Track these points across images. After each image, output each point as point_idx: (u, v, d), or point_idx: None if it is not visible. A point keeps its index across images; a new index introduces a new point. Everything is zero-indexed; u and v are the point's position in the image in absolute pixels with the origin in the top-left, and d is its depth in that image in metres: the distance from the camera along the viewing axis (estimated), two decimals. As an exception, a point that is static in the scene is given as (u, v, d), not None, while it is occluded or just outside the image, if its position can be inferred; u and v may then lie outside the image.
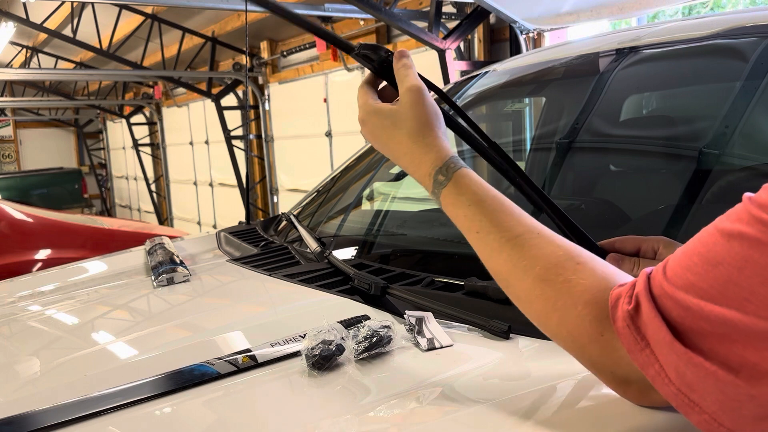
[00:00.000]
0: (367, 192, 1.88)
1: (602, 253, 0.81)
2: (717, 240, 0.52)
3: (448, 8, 4.49)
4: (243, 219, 2.07)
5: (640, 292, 0.56)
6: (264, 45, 7.26)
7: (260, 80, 7.47)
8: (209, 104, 8.01)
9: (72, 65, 9.48)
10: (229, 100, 7.79)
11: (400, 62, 0.81)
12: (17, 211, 3.85)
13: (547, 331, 0.66)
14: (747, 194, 0.53)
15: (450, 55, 4.04)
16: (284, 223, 1.79)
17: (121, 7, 6.50)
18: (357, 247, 1.53)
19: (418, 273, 1.19)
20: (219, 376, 0.83)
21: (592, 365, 0.63)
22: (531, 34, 3.85)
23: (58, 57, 9.28)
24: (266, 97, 7.49)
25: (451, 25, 4.26)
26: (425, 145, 0.75)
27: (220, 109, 7.56)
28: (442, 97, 0.88)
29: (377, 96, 0.84)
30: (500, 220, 0.69)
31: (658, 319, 0.54)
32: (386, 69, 0.84)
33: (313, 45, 6.35)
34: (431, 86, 0.84)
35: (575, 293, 0.62)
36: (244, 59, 7.25)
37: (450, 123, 0.83)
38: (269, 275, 1.32)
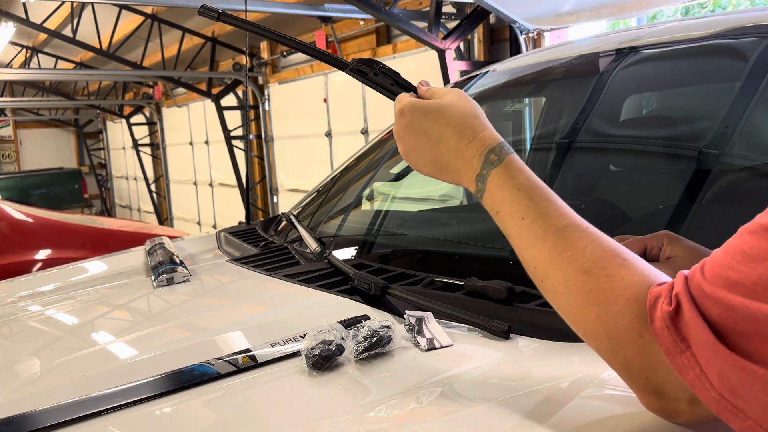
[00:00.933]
0: (367, 192, 1.88)
1: None
2: (761, 237, 0.50)
3: (448, 8, 4.49)
4: (243, 219, 2.07)
5: (680, 292, 0.54)
6: (264, 45, 7.26)
7: (260, 80, 7.47)
8: (209, 104, 8.01)
9: (72, 65, 9.48)
10: (229, 100, 7.79)
11: (423, 87, 0.82)
12: (17, 211, 3.85)
13: (582, 328, 0.62)
14: None
15: (450, 55, 4.04)
16: (284, 223, 1.79)
17: (121, 7, 6.50)
18: (357, 247, 1.53)
19: (418, 273, 1.19)
20: (219, 376, 0.83)
21: (625, 369, 0.60)
22: (531, 34, 3.85)
23: (58, 57, 9.28)
24: (266, 97, 7.49)
25: (451, 25, 4.26)
26: (474, 127, 0.74)
27: (220, 109, 7.56)
28: None
29: None
30: (549, 209, 0.67)
31: (700, 320, 0.52)
32: (380, 81, 0.86)
33: (313, 44, 6.35)
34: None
35: (618, 288, 0.59)
36: (244, 59, 7.25)
37: None
38: (269, 275, 1.32)
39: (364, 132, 5.77)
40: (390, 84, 0.86)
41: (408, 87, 0.86)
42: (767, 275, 0.49)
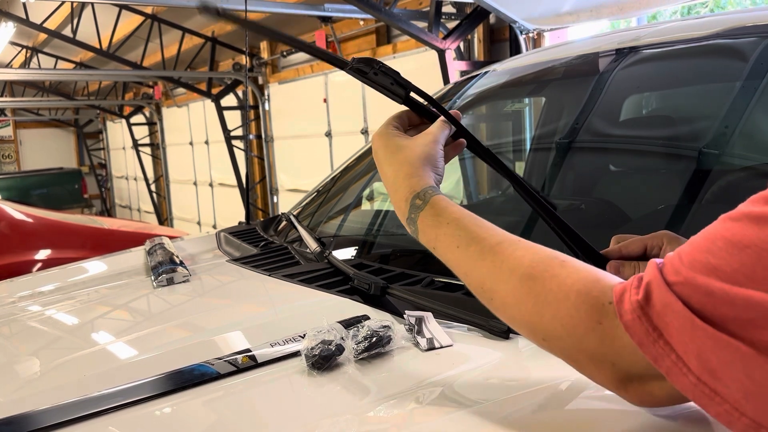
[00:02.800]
0: (367, 192, 1.88)
1: (603, 260, 0.81)
2: (745, 224, 0.50)
3: (448, 8, 4.49)
4: (243, 219, 2.07)
5: (651, 281, 0.54)
6: (264, 45, 7.26)
7: (260, 80, 7.47)
8: (209, 104, 8.01)
9: (72, 65, 9.48)
10: (229, 100, 7.78)
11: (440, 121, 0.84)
12: (17, 211, 3.85)
13: (541, 331, 0.63)
14: None
15: (450, 55, 4.04)
16: (284, 223, 1.79)
17: (121, 7, 6.49)
18: (357, 247, 1.53)
19: (418, 273, 1.19)
20: (219, 376, 0.83)
21: (591, 360, 0.60)
22: (531, 34, 3.85)
23: (58, 57, 9.27)
24: (266, 97, 7.49)
25: (451, 25, 4.26)
26: (408, 173, 0.78)
27: (220, 110, 7.55)
28: (429, 100, 0.89)
29: (403, 123, 0.86)
30: (479, 233, 0.69)
31: (678, 303, 0.51)
32: (379, 81, 0.86)
33: (313, 44, 6.35)
34: (419, 92, 0.86)
35: (566, 285, 0.60)
36: (244, 59, 7.25)
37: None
38: (269, 275, 1.33)
39: (364, 132, 5.77)
40: (390, 83, 0.86)
41: (407, 86, 0.85)
42: (750, 262, 0.48)
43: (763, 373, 0.48)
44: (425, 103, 0.89)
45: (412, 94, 0.85)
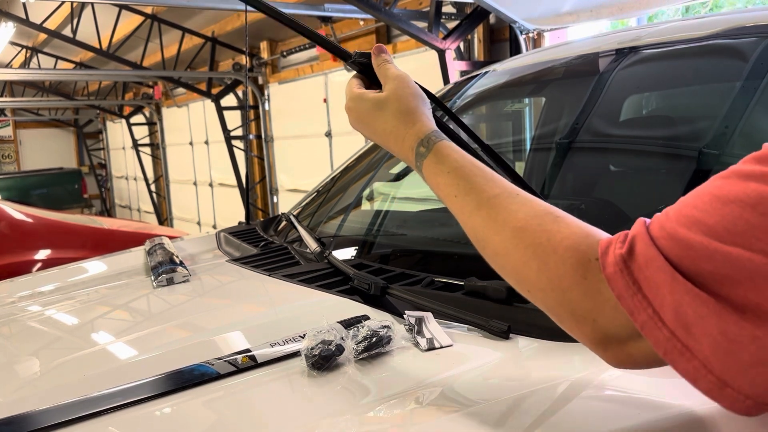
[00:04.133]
0: (367, 192, 1.88)
1: None
2: (732, 181, 0.50)
3: (448, 8, 4.49)
4: (243, 219, 2.07)
5: (636, 235, 0.54)
6: (264, 45, 7.26)
7: (260, 80, 7.47)
8: (209, 104, 8.01)
9: (72, 65, 9.48)
10: (229, 100, 7.79)
11: (379, 58, 0.86)
12: (17, 211, 3.85)
13: (526, 282, 0.63)
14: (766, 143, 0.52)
15: (450, 55, 4.04)
16: (284, 223, 1.79)
17: (121, 7, 6.49)
18: (357, 247, 1.53)
19: (418, 273, 1.19)
20: (219, 376, 0.83)
21: (572, 315, 0.59)
22: (531, 34, 3.85)
23: (57, 57, 9.27)
24: (266, 97, 7.49)
25: (451, 25, 4.26)
26: (408, 121, 0.79)
27: (220, 110, 7.55)
28: (432, 99, 0.89)
29: (364, 87, 0.89)
30: (479, 182, 0.70)
31: (658, 257, 0.51)
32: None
33: (312, 45, 6.35)
34: (424, 91, 0.86)
35: (556, 239, 0.60)
36: (244, 59, 7.25)
37: (441, 126, 0.84)
38: (269, 275, 1.32)
39: (364, 132, 5.76)
40: None
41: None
42: (731, 216, 0.48)
43: (735, 329, 0.47)
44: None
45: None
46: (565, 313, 0.60)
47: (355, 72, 0.91)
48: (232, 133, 7.58)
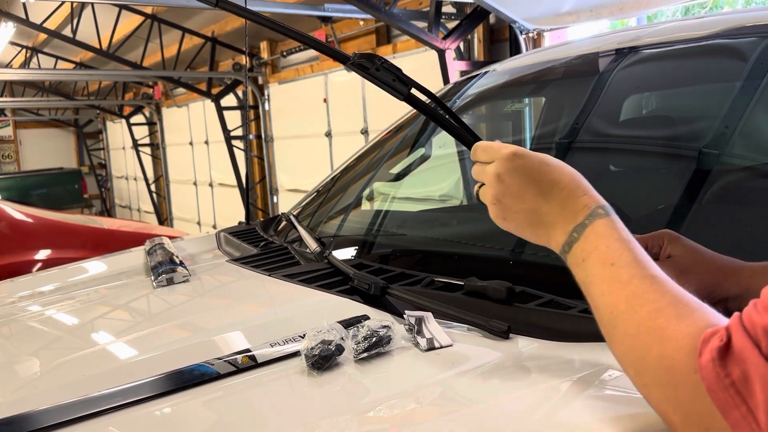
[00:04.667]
0: (367, 192, 1.88)
1: None
2: None
3: (447, 8, 4.49)
4: (243, 219, 2.07)
5: (732, 326, 0.50)
6: (264, 45, 7.26)
7: (260, 80, 7.47)
8: (209, 104, 8.00)
9: (72, 65, 9.48)
10: (229, 100, 7.78)
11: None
12: (17, 211, 3.85)
13: (645, 373, 0.57)
14: None
15: (450, 55, 4.04)
16: (284, 223, 1.79)
17: (121, 7, 6.49)
18: (357, 247, 1.53)
19: (418, 273, 1.19)
20: (219, 376, 0.83)
21: (684, 421, 0.53)
22: (531, 34, 3.85)
23: (58, 57, 9.27)
24: (266, 97, 7.48)
25: (451, 25, 4.26)
26: (586, 187, 0.73)
27: (220, 110, 7.55)
28: (432, 98, 0.89)
29: None
30: (642, 259, 0.64)
31: (753, 350, 0.47)
32: (381, 77, 0.85)
33: (313, 45, 6.35)
34: (421, 89, 0.85)
35: (683, 325, 0.55)
36: (244, 59, 7.24)
37: (438, 121, 0.84)
38: (269, 275, 1.32)
39: (364, 132, 5.77)
40: (392, 80, 0.85)
41: (408, 82, 0.85)
42: None
43: None
44: (428, 101, 0.89)
45: (414, 92, 0.84)
46: (679, 419, 0.54)
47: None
48: (232, 133, 7.57)
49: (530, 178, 0.74)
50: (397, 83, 0.84)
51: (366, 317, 0.98)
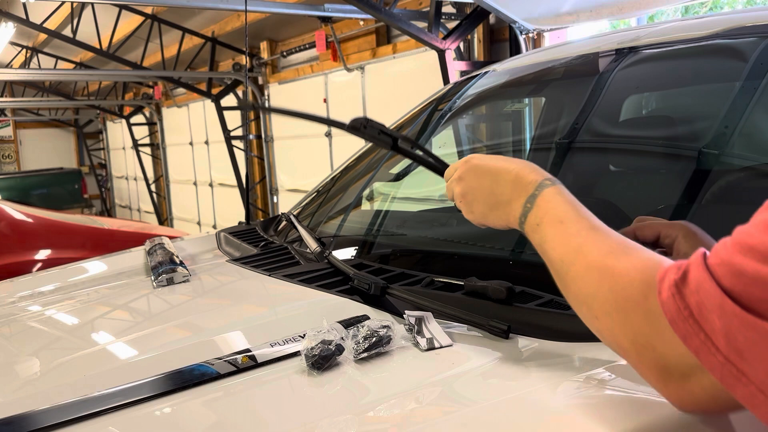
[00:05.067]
0: (367, 192, 1.88)
1: None
2: None
3: (447, 8, 4.49)
4: (243, 219, 2.07)
5: (692, 262, 0.54)
6: (264, 45, 7.26)
7: (260, 80, 7.47)
8: (209, 104, 8.01)
9: (72, 65, 9.48)
10: (229, 100, 7.79)
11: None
12: (17, 211, 3.85)
13: (596, 307, 0.64)
14: None
15: (450, 55, 4.04)
16: (284, 223, 1.79)
17: (121, 7, 6.49)
18: (357, 248, 1.53)
19: (418, 273, 1.19)
20: (219, 376, 0.83)
21: (634, 343, 0.60)
22: (531, 34, 3.85)
23: (58, 57, 9.27)
24: (266, 97, 7.48)
25: (451, 25, 4.26)
26: (535, 168, 0.83)
27: (220, 110, 7.55)
28: (423, 152, 0.98)
29: None
30: (589, 216, 0.74)
31: (710, 282, 0.51)
32: (369, 133, 1.01)
33: (312, 45, 6.34)
34: (411, 142, 1.01)
35: (632, 262, 0.62)
36: (244, 59, 7.24)
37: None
38: (269, 275, 1.33)
39: (364, 132, 5.76)
40: (377, 134, 1.01)
41: (393, 135, 1.00)
42: None
43: None
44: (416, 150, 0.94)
45: (400, 143, 0.97)
46: (628, 341, 0.61)
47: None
48: (232, 133, 7.58)
49: (484, 170, 0.84)
50: (382, 136, 1.00)
51: (366, 317, 0.98)
